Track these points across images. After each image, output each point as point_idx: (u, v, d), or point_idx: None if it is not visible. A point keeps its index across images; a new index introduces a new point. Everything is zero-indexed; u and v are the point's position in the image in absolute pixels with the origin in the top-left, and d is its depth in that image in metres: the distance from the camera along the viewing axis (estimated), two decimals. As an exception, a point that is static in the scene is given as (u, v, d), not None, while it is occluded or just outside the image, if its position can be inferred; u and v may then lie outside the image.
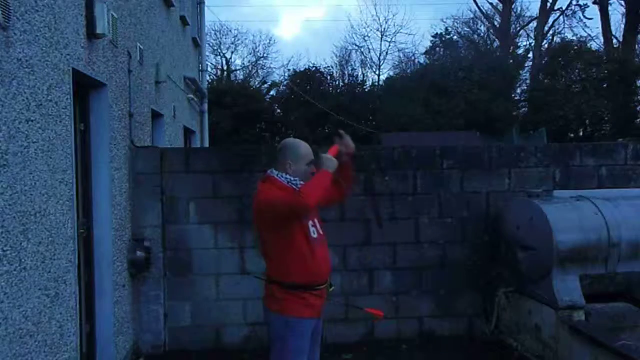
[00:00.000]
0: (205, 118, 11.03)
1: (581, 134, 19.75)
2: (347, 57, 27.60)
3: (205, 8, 11.45)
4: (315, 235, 2.92)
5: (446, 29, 29.11)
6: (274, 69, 34.97)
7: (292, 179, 2.92)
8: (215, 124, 16.14)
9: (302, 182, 2.91)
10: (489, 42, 28.65)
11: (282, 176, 2.93)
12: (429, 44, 29.35)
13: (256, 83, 26.82)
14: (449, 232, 5.37)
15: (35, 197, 3.01)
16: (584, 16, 25.64)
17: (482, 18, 28.61)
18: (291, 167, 2.93)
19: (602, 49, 22.12)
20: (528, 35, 28.06)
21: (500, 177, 5.43)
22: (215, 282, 5.14)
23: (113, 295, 4.38)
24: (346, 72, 25.56)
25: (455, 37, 28.59)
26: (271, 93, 24.17)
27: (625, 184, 5.48)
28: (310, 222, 2.93)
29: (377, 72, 28.32)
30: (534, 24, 26.79)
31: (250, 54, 31.23)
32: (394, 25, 36.42)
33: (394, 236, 5.28)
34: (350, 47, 28.94)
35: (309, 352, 2.98)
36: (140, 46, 5.41)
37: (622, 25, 22.67)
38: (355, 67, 27.51)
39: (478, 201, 5.39)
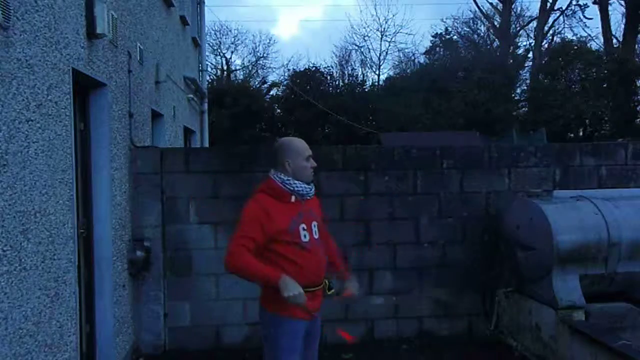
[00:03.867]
0: (205, 118, 11.03)
1: (581, 134, 19.75)
2: (347, 57, 27.67)
3: (205, 8, 11.47)
4: (306, 239, 2.88)
5: (446, 29, 29.23)
6: (274, 69, 35.06)
7: (286, 179, 2.90)
8: (215, 124, 16.14)
9: (298, 182, 2.90)
10: (489, 42, 28.68)
11: (277, 176, 2.93)
12: (429, 44, 29.47)
13: (256, 83, 26.83)
14: (449, 232, 5.36)
15: (35, 197, 3.01)
16: (584, 16, 25.70)
17: (482, 18, 28.65)
18: (290, 165, 2.91)
19: (602, 49, 22.12)
20: (528, 35, 28.12)
21: (500, 177, 5.43)
22: (215, 282, 5.14)
23: (113, 295, 4.38)
24: (346, 72, 25.60)
25: (455, 37, 28.66)
26: (271, 93, 24.18)
27: (625, 184, 5.48)
28: (303, 226, 2.89)
29: (377, 72, 28.37)
30: (534, 24, 26.83)
31: (250, 54, 31.34)
32: (394, 25, 36.54)
33: (394, 236, 5.28)
34: (350, 47, 29.02)
35: (304, 353, 2.98)
36: (140, 46, 5.41)
37: (622, 25, 22.70)
38: (355, 67, 27.58)
39: (478, 201, 5.39)
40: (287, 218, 2.85)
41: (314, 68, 22.69)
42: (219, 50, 29.00)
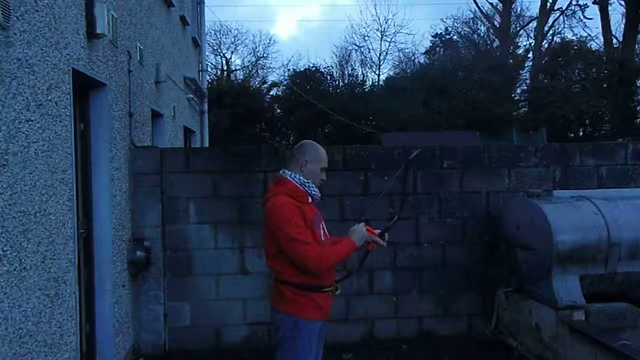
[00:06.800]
0: (205, 118, 11.03)
1: (581, 134, 19.73)
2: (347, 57, 27.68)
3: (205, 8, 11.47)
4: (323, 239, 2.93)
5: (446, 29, 29.26)
6: (274, 69, 35.06)
7: (305, 181, 2.90)
8: (215, 124, 16.12)
9: (314, 186, 2.92)
10: (489, 42, 28.65)
11: (295, 177, 2.90)
12: (429, 44, 29.51)
13: (256, 83, 26.80)
14: (449, 232, 5.37)
15: (35, 197, 3.01)
16: (584, 16, 25.67)
17: (482, 18, 28.62)
18: (306, 166, 2.90)
19: (602, 49, 22.10)
20: (528, 35, 28.08)
21: (500, 177, 5.43)
22: (215, 282, 5.14)
23: (113, 295, 4.38)
24: (346, 72, 25.57)
25: (455, 37, 28.68)
26: (271, 93, 24.17)
27: (625, 184, 5.48)
28: (321, 225, 2.94)
29: (377, 72, 28.38)
30: (534, 24, 26.78)
31: (250, 54, 31.31)
32: (394, 25, 36.51)
33: (394, 236, 5.24)
34: (350, 47, 29.08)
35: (316, 353, 2.98)
36: (140, 46, 5.41)
37: (622, 25, 22.67)
38: (355, 67, 27.57)
39: (478, 201, 5.39)
40: (311, 217, 2.87)
41: (313, 68, 22.66)
42: (219, 50, 29.02)
